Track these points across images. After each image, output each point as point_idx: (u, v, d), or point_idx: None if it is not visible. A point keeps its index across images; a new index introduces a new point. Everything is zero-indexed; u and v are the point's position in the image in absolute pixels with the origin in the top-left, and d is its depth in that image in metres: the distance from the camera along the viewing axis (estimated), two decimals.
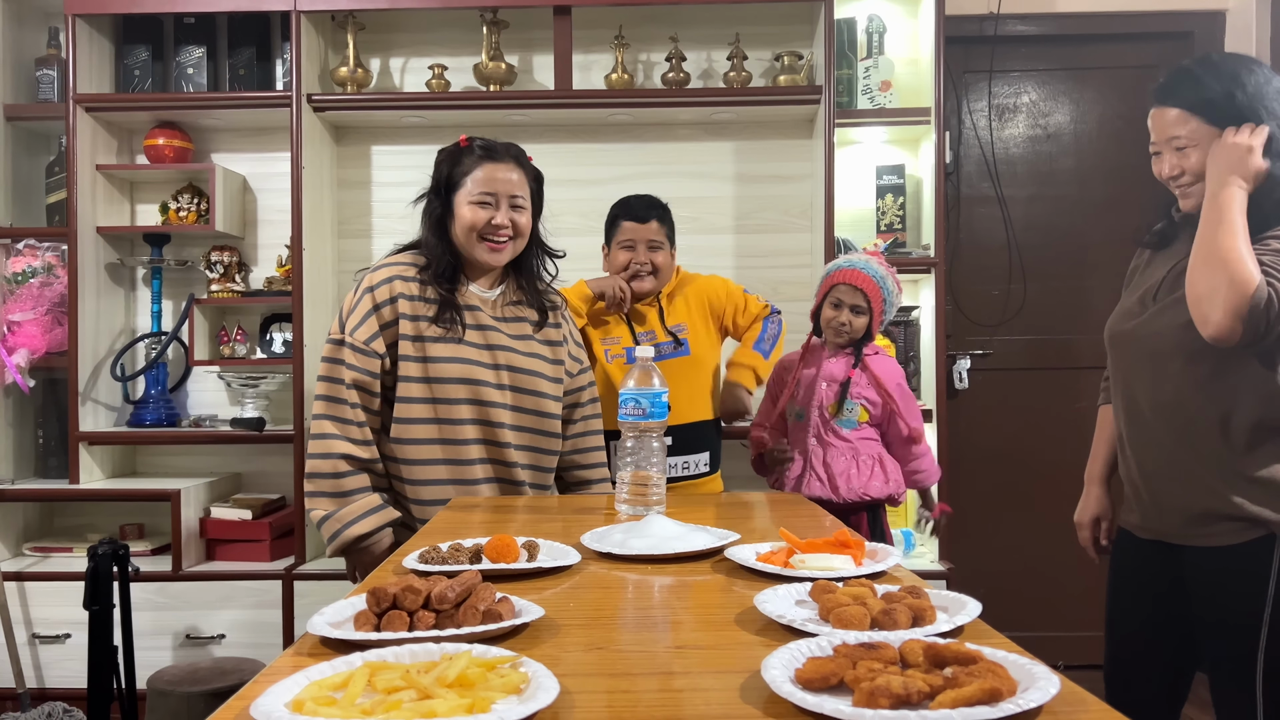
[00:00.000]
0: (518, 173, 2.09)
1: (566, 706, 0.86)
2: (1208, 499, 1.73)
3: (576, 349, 2.29)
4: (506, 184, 2.06)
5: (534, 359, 2.14)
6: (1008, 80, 3.71)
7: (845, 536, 1.39)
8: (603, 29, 3.43)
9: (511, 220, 2.07)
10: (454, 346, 2.05)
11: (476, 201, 2.05)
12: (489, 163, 2.07)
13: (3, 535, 3.28)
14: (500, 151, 2.09)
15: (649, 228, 2.60)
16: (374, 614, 1.06)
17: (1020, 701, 0.80)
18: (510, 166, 2.08)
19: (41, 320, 3.27)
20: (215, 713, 0.85)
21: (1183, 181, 1.76)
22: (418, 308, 2.06)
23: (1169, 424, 1.77)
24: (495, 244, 2.08)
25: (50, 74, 3.38)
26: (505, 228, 2.06)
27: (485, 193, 2.05)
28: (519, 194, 2.08)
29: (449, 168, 2.10)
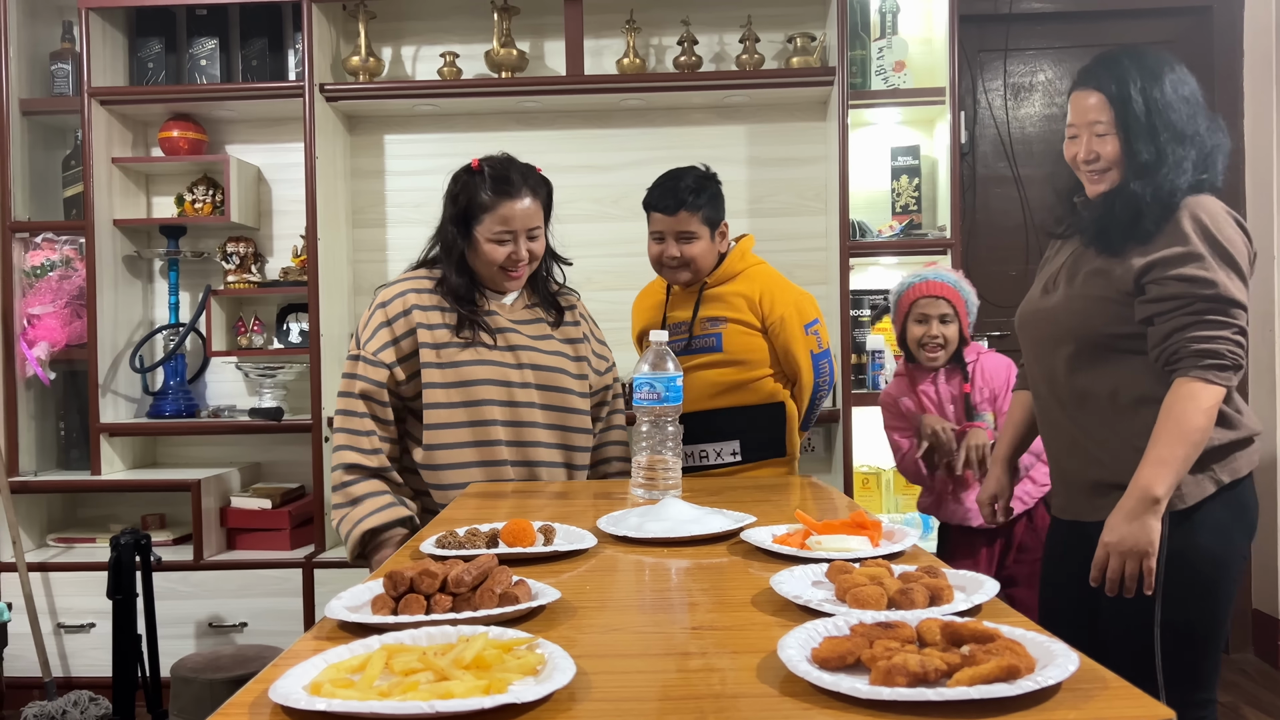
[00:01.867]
0: (533, 202, 2.10)
1: (583, 687, 0.86)
2: (1099, 470, 1.78)
3: (600, 347, 2.31)
4: (524, 219, 2.08)
5: (557, 356, 2.15)
6: (1023, 59, 3.68)
7: (862, 518, 1.39)
8: (614, 13, 3.41)
9: (529, 251, 2.10)
10: (477, 351, 2.07)
11: (495, 240, 2.08)
12: (506, 200, 2.08)
13: (27, 527, 3.31)
14: (515, 185, 2.10)
15: (677, 219, 2.30)
16: (391, 598, 1.07)
17: (1039, 679, 0.80)
18: (526, 198, 2.09)
19: (61, 313, 3.29)
20: (235, 695, 0.86)
21: (1096, 167, 1.78)
22: (433, 317, 2.08)
23: (1064, 402, 1.83)
24: (514, 275, 2.12)
25: (65, 68, 3.40)
26: (524, 261, 2.10)
27: (504, 231, 2.07)
28: (535, 225, 2.10)
29: (465, 200, 2.12)
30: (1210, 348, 1.63)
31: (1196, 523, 1.70)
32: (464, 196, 2.12)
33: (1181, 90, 1.73)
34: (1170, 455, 1.63)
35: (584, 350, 2.23)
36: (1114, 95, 1.73)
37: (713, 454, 2.39)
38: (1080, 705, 0.79)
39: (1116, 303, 1.74)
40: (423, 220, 3.55)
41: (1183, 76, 1.75)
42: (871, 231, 3.32)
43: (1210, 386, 1.64)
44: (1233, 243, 1.67)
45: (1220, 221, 1.68)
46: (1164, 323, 1.67)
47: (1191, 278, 1.65)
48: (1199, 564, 1.70)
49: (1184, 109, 1.72)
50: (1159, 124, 1.71)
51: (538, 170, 2.18)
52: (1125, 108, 1.72)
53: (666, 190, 2.34)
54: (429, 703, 0.77)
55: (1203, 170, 1.73)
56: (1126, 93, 1.72)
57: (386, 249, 3.57)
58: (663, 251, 2.35)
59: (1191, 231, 1.67)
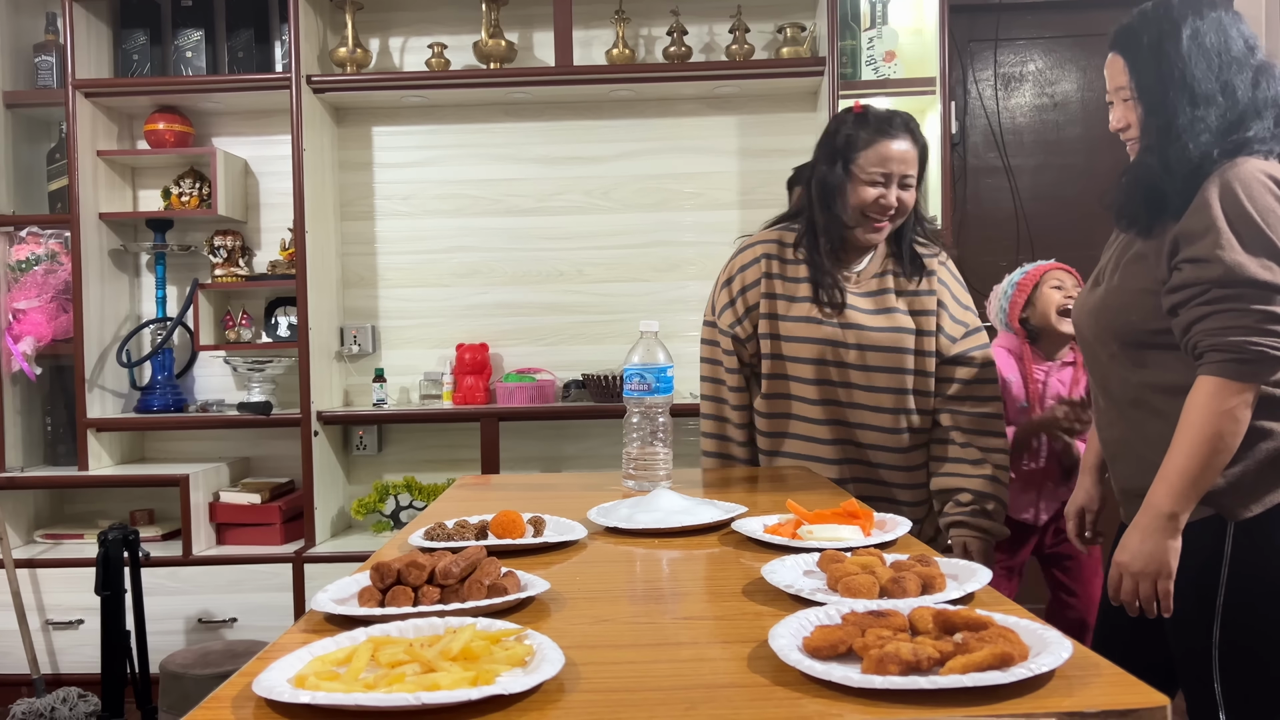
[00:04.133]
0: (911, 147, 1.93)
1: (572, 678, 0.85)
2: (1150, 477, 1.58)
3: (961, 311, 2.01)
4: (901, 162, 1.91)
5: (892, 333, 1.95)
6: (1013, 49, 3.67)
7: (853, 507, 1.38)
8: (603, 4, 3.40)
9: (900, 199, 1.92)
10: (811, 326, 1.96)
11: (868, 181, 1.91)
12: (884, 139, 1.91)
13: (14, 523, 3.29)
14: (897, 126, 1.93)
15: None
16: (378, 590, 1.06)
17: (1032, 666, 0.79)
18: (905, 141, 1.92)
19: (46, 308, 3.27)
20: (218, 689, 0.85)
21: (1129, 135, 1.63)
22: (779, 286, 1.99)
23: (1117, 404, 1.68)
24: (878, 224, 1.94)
25: (49, 60, 3.36)
26: (892, 208, 1.92)
27: (879, 171, 1.90)
28: (910, 172, 1.93)
29: (845, 138, 1.94)
30: (1228, 340, 1.44)
31: (1264, 535, 1.52)
32: (842, 135, 1.95)
33: (1205, 39, 1.52)
34: (1185, 466, 1.47)
35: (928, 323, 1.97)
36: (1130, 56, 1.58)
37: None
38: (1073, 692, 0.78)
39: (1154, 294, 1.55)
40: (411, 212, 3.54)
41: (1213, 24, 1.54)
42: None
43: (1230, 384, 1.44)
44: (1267, 214, 1.44)
45: (1254, 190, 1.45)
46: (1184, 313, 1.49)
47: (1203, 259, 1.45)
48: (1267, 581, 1.51)
49: (1205, 61, 1.51)
50: (1170, 81, 1.52)
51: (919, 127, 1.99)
52: (1138, 68, 1.56)
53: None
54: (414, 694, 0.76)
55: (1239, 130, 1.50)
56: (1139, 52, 1.56)
57: (375, 241, 3.55)
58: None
59: (1215, 203, 1.46)
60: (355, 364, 3.55)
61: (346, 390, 3.55)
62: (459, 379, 3.39)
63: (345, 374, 3.55)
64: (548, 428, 3.52)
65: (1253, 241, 1.44)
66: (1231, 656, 1.52)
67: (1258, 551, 1.51)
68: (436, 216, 3.53)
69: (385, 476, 3.53)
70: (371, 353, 3.54)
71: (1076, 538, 1.93)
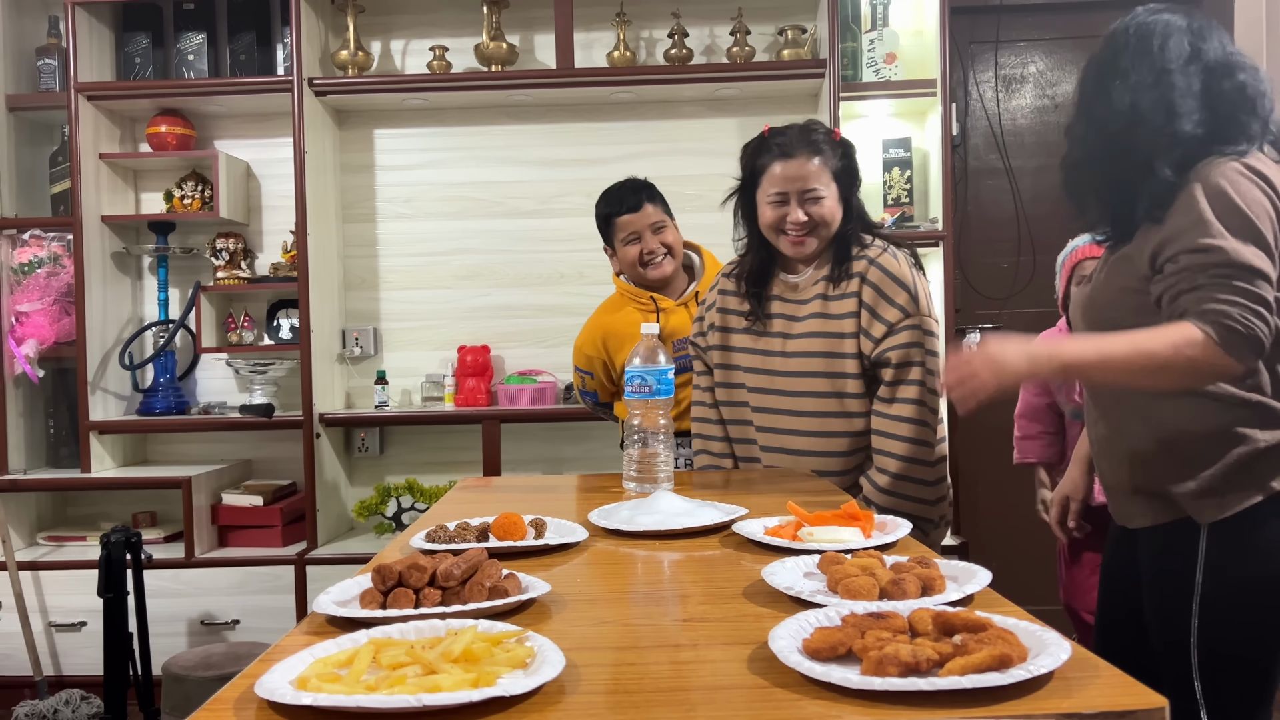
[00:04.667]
0: (811, 159, 1.94)
1: (573, 680, 0.85)
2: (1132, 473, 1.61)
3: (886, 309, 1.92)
4: (796, 180, 1.93)
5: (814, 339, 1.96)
6: (1014, 50, 3.67)
7: (854, 509, 1.38)
8: (604, 6, 3.40)
9: (809, 214, 1.93)
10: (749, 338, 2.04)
11: (769, 202, 1.96)
12: (776, 160, 1.96)
13: (17, 525, 3.29)
14: (792, 143, 1.96)
15: (645, 214, 2.39)
16: (380, 592, 1.06)
17: (1031, 668, 0.79)
18: (800, 157, 1.94)
19: (49, 310, 3.27)
20: (221, 691, 0.85)
21: None
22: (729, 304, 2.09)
23: (1101, 403, 1.68)
24: (795, 240, 1.96)
25: (51, 63, 3.37)
26: (800, 224, 1.94)
27: (776, 192, 1.95)
28: (811, 186, 1.93)
29: (749, 163, 2.03)
30: (1221, 310, 1.39)
31: (1237, 537, 1.50)
32: (748, 160, 2.02)
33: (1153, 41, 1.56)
34: (1111, 347, 1.44)
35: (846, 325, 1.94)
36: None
37: None
38: (1072, 694, 0.78)
39: (1137, 292, 1.54)
40: (413, 215, 3.54)
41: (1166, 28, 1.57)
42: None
43: (1212, 345, 1.38)
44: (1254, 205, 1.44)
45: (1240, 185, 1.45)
46: (1175, 289, 1.46)
47: (1196, 249, 1.44)
48: (1241, 583, 1.50)
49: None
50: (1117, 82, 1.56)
51: (835, 133, 2.02)
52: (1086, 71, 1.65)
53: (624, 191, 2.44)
54: (416, 696, 0.76)
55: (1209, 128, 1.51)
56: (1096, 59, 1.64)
57: (377, 244, 3.55)
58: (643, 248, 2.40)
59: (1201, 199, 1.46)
60: (357, 366, 3.56)
61: (348, 392, 3.56)
62: (460, 381, 3.39)
63: (347, 376, 3.55)
64: (549, 430, 3.52)
65: (1242, 231, 1.43)
66: (1210, 658, 1.52)
67: (1231, 554, 1.50)
68: (438, 219, 3.54)
69: (387, 478, 3.53)
70: (373, 355, 3.54)
71: (1058, 525, 1.94)
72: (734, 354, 2.07)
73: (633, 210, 2.39)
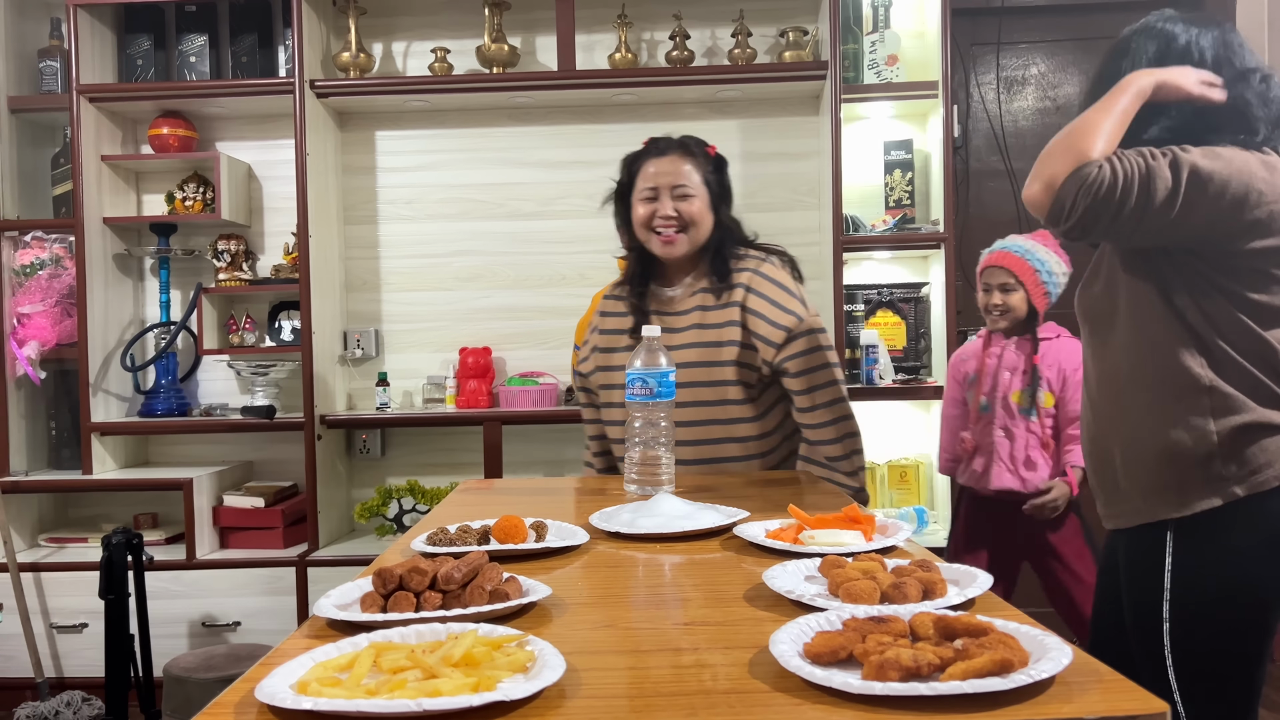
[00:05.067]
0: (680, 158, 2.00)
1: (573, 684, 0.85)
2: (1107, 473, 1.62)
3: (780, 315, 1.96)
4: (667, 175, 1.98)
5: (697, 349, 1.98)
6: (1016, 52, 3.67)
7: (855, 513, 1.38)
8: (605, 8, 3.40)
9: (679, 210, 1.97)
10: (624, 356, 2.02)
11: (641, 199, 2.01)
12: (647, 159, 2.02)
13: (18, 527, 3.29)
14: (661, 145, 2.04)
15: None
16: (380, 595, 1.06)
17: (1032, 672, 0.79)
18: (671, 155, 2.01)
19: (51, 312, 3.27)
20: (221, 695, 0.85)
21: None
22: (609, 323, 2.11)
23: (1092, 399, 1.68)
24: (665, 236, 1.98)
25: (53, 65, 3.38)
26: (671, 217, 1.97)
27: (647, 188, 2.00)
28: (681, 183, 1.98)
29: (626, 169, 2.08)
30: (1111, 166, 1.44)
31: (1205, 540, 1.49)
32: (623, 170, 2.09)
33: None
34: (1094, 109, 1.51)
35: (731, 334, 1.97)
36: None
37: None
38: (1074, 699, 0.78)
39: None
40: (414, 217, 3.55)
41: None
42: (865, 226, 3.32)
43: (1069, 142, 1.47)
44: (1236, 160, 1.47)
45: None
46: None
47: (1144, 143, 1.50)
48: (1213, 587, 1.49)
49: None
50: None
51: (708, 147, 2.07)
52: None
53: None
54: (416, 701, 0.76)
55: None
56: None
57: (378, 245, 3.55)
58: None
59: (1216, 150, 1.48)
60: (358, 368, 3.56)
61: (350, 394, 3.56)
62: (462, 383, 3.39)
63: (348, 378, 3.55)
64: (550, 431, 3.52)
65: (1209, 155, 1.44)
66: (1185, 661, 1.52)
67: (1199, 557, 1.50)
68: (439, 220, 3.54)
69: (388, 480, 3.53)
70: (374, 356, 3.54)
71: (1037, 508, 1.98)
72: (616, 374, 2.04)
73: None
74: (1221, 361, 1.50)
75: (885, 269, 3.48)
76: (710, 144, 2.08)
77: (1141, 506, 1.56)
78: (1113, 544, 1.73)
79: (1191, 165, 1.43)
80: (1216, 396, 1.49)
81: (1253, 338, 1.49)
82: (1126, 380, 1.57)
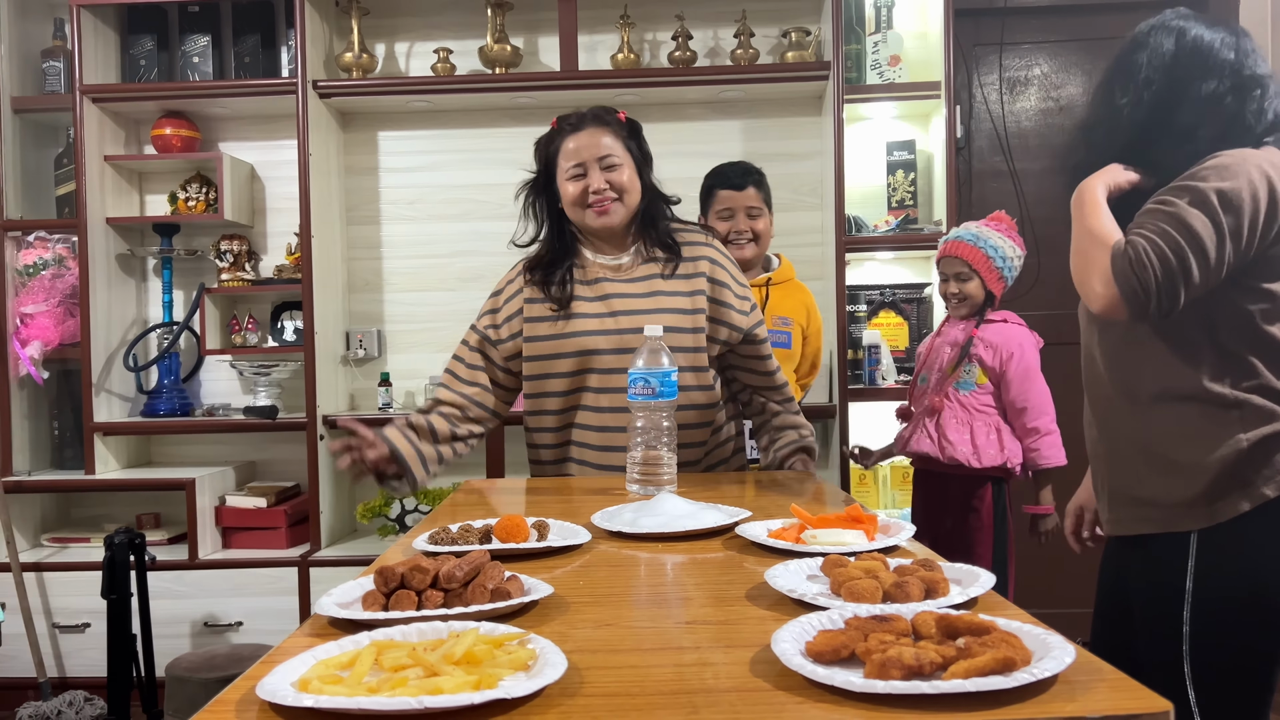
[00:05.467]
0: (600, 130, 1.98)
1: (575, 682, 0.85)
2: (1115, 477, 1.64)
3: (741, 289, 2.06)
4: (591, 148, 1.96)
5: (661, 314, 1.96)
6: (1019, 52, 3.67)
7: (857, 512, 1.38)
8: (608, 9, 3.40)
9: (610, 181, 1.96)
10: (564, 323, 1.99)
11: (568, 177, 1.98)
12: (564, 138, 1.99)
13: (21, 527, 3.30)
14: (575, 120, 2.01)
15: (746, 195, 2.58)
16: (382, 594, 1.06)
17: (1034, 671, 0.79)
18: (587, 128, 1.98)
19: (54, 312, 3.28)
20: (222, 692, 0.85)
21: None
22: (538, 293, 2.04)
23: (1092, 400, 1.70)
24: (600, 207, 1.97)
25: (57, 65, 3.38)
26: (603, 189, 1.96)
27: (574, 165, 1.97)
28: (606, 153, 1.96)
29: (543, 152, 2.05)
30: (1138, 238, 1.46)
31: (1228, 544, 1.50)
32: (539, 151, 2.05)
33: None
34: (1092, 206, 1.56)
35: (699, 302, 2.00)
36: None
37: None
38: (1076, 697, 0.78)
39: None
40: (417, 217, 3.55)
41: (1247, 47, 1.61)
42: (867, 226, 3.31)
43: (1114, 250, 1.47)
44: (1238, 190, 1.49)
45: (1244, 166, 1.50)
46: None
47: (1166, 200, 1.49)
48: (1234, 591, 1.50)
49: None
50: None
51: (621, 114, 2.05)
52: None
53: (734, 170, 2.63)
54: (417, 698, 0.76)
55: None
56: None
57: (381, 246, 3.56)
58: (731, 227, 2.57)
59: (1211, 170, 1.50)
60: (361, 368, 3.56)
61: (352, 394, 3.56)
62: None
63: (351, 378, 3.56)
64: None
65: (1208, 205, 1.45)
66: (1204, 668, 1.52)
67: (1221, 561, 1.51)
68: (442, 221, 3.54)
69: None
70: (377, 357, 3.54)
71: (1073, 535, 1.95)
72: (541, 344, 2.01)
73: (735, 188, 2.58)
74: (1248, 373, 1.51)
75: (888, 270, 3.47)
76: (620, 110, 2.06)
77: (1168, 515, 1.55)
78: (1115, 550, 1.72)
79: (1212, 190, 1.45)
80: (1247, 410, 1.50)
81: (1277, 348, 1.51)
82: (1152, 394, 1.57)
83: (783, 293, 2.66)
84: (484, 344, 2.10)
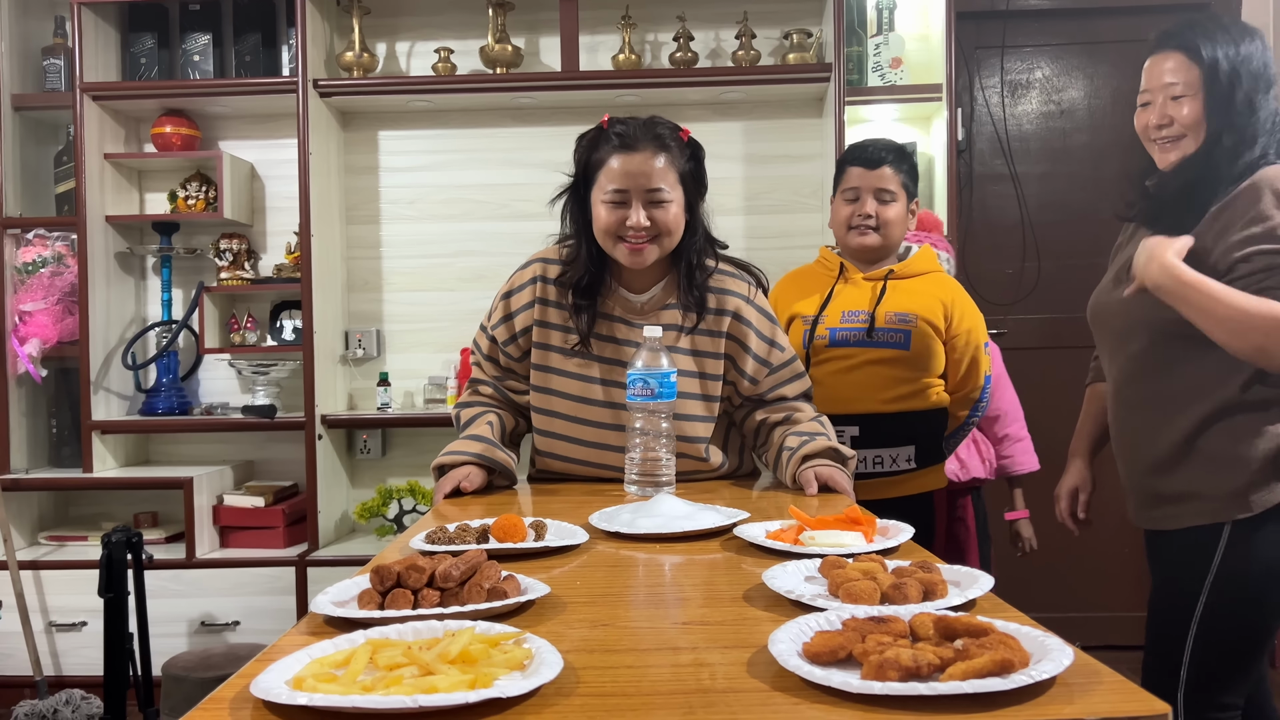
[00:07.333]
0: (654, 158, 1.75)
1: (571, 682, 0.84)
2: (1159, 477, 1.71)
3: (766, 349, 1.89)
4: (640, 176, 1.74)
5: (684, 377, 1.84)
6: (1020, 55, 3.67)
7: (856, 514, 1.37)
8: (609, 9, 3.40)
9: (652, 218, 1.75)
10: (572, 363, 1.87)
11: (606, 201, 1.76)
12: (618, 154, 1.75)
13: (18, 525, 3.29)
14: (635, 136, 1.76)
15: (879, 174, 2.15)
16: (378, 593, 1.05)
17: (1032, 673, 0.79)
18: (645, 152, 1.75)
19: (52, 310, 3.27)
20: (216, 690, 0.85)
21: (1169, 133, 1.69)
22: (550, 315, 1.88)
23: (1130, 401, 1.75)
24: (634, 246, 1.77)
25: (57, 63, 3.38)
26: (641, 229, 1.75)
27: (615, 189, 1.75)
28: (657, 186, 1.75)
29: (584, 156, 1.82)
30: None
31: (1259, 535, 1.61)
32: (584, 154, 1.81)
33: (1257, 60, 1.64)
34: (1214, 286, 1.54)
35: (716, 366, 1.86)
36: (1198, 55, 1.63)
37: (888, 460, 2.19)
38: (1074, 699, 0.78)
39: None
40: (417, 217, 3.54)
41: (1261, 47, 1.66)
42: None
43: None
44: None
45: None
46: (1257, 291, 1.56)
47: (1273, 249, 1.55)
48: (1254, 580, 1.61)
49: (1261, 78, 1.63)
50: (1240, 89, 1.61)
51: (682, 131, 1.83)
52: (1212, 68, 1.62)
53: (874, 145, 2.22)
54: (412, 697, 0.75)
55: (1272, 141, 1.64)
56: (1213, 53, 1.62)
57: (380, 245, 3.55)
58: (854, 211, 2.19)
59: (1272, 207, 1.56)
60: (359, 368, 3.55)
61: (350, 394, 3.55)
62: (463, 383, 3.38)
63: (349, 378, 3.55)
64: None
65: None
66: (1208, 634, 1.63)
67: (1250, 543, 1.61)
68: (442, 221, 3.54)
69: (389, 480, 3.53)
70: (376, 356, 3.54)
71: (1069, 517, 2.00)
72: (553, 376, 1.90)
73: (867, 165, 2.17)
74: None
75: None
76: (683, 127, 1.84)
77: (1203, 509, 1.65)
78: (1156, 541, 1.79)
79: None
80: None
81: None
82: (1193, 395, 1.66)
83: (907, 287, 2.22)
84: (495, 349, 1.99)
